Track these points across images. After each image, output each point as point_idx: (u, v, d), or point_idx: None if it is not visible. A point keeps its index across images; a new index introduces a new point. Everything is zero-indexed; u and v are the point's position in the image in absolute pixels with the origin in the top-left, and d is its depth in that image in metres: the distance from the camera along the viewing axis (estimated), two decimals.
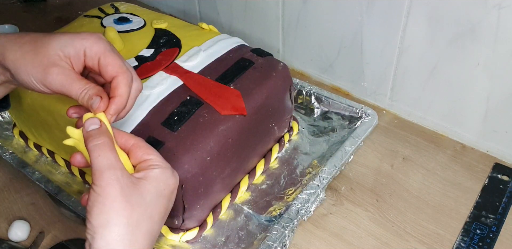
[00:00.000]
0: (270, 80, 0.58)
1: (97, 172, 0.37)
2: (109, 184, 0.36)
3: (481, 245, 0.56)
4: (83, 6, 1.06)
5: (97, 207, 0.36)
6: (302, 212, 0.56)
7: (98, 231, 0.36)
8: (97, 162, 0.37)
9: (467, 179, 0.65)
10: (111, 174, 0.37)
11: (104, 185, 0.36)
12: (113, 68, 0.42)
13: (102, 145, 0.38)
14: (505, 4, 0.53)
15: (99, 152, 0.38)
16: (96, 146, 0.38)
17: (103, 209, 0.36)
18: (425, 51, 0.64)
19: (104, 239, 0.35)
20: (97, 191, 0.36)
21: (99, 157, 0.37)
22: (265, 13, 0.80)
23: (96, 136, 0.39)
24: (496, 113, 0.64)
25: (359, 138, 0.65)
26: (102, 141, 0.38)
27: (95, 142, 0.38)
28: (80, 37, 0.42)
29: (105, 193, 0.36)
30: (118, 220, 0.36)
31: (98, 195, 0.36)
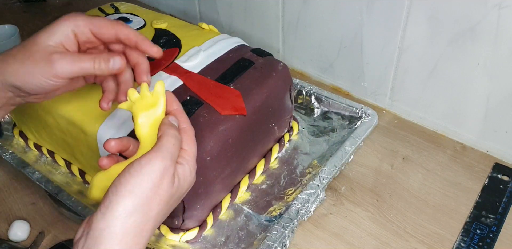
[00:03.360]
0: (270, 80, 0.58)
1: (162, 153, 0.38)
2: (159, 167, 0.38)
3: (481, 245, 0.56)
4: (83, 6, 1.06)
5: (129, 179, 0.37)
6: (302, 212, 0.56)
7: (119, 194, 0.36)
8: (168, 146, 0.39)
9: (467, 179, 0.65)
10: (168, 164, 0.38)
11: (153, 165, 0.37)
12: (107, 27, 0.43)
13: (180, 137, 0.41)
14: (505, 4, 0.53)
15: (174, 141, 0.40)
16: (176, 135, 0.40)
17: (135, 181, 0.37)
18: (425, 51, 0.64)
19: (122, 205, 0.36)
20: (142, 163, 0.37)
21: (173, 146, 0.39)
22: (265, 13, 0.80)
23: (177, 129, 0.42)
24: (496, 113, 0.64)
25: (359, 138, 0.65)
26: (183, 134, 0.42)
27: (176, 132, 0.41)
28: (60, 24, 0.43)
29: (143, 170, 0.37)
30: (135, 193, 0.36)
31: (142, 168, 0.37)
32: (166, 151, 0.39)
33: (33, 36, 0.43)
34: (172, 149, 0.39)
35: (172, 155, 0.39)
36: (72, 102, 0.55)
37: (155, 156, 0.38)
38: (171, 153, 0.39)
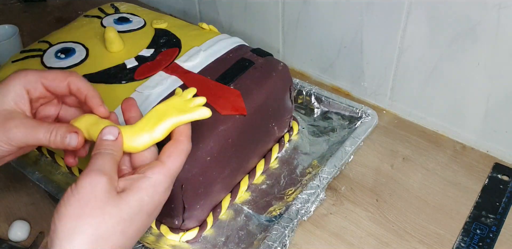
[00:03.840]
0: (270, 80, 0.58)
1: (83, 173, 0.35)
2: (90, 185, 0.34)
3: (481, 245, 0.56)
4: (83, 6, 1.06)
5: (67, 208, 0.33)
6: (302, 212, 0.56)
7: (60, 237, 0.32)
8: (90, 164, 0.36)
9: (467, 179, 0.65)
10: (97, 177, 0.34)
11: (83, 186, 0.34)
12: (59, 79, 0.42)
13: (108, 155, 0.37)
14: (505, 4, 0.53)
15: (100, 158, 0.36)
16: (102, 153, 0.37)
17: (73, 212, 0.33)
18: (425, 51, 0.64)
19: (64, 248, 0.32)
20: (74, 191, 0.34)
21: (96, 160, 0.36)
22: (265, 13, 0.80)
23: (106, 146, 0.38)
24: (496, 113, 0.64)
25: (359, 138, 0.65)
26: (110, 152, 0.37)
27: (102, 150, 0.37)
28: (11, 83, 0.41)
29: (81, 194, 0.33)
30: (85, 228, 0.33)
31: (73, 196, 0.33)
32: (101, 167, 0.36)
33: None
34: (103, 164, 0.36)
35: (104, 169, 0.36)
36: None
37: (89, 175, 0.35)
38: (104, 168, 0.36)
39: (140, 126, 0.39)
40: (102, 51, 0.61)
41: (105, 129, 0.39)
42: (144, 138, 0.39)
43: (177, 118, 0.39)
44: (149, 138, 0.39)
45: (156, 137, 0.39)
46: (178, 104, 0.40)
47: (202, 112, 0.40)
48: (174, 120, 0.39)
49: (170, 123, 0.39)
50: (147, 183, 0.36)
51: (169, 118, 0.39)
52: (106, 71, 0.58)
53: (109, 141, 0.38)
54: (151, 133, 0.39)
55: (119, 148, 0.38)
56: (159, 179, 0.37)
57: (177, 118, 0.39)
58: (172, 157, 0.38)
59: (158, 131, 0.39)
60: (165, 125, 0.39)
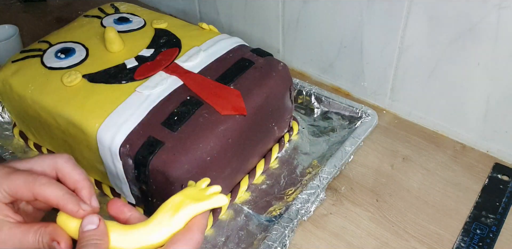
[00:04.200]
0: (270, 80, 0.58)
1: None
2: None
3: (481, 245, 0.56)
4: (83, 6, 1.06)
5: None
6: (302, 212, 0.56)
7: None
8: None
9: (467, 179, 0.65)
10: None
11: None
12: (22, 190, 0.38)
13: (93, 245, 0.35)
14: (505, 4, 0.53)
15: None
16: (87, 245, 0.35)
17: None
18: (425, 51, 0.64)
19: None
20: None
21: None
22: (265, 13, 0.80)
23: (90, 237, 0.35)
24: (496, 113, 0.64)
25: (359, 138, 0.65)
26: (94, 242, 0.35)
27: (84, 243, 0.35)
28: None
29: None
30: None
31: None
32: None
33: None
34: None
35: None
36: (72, 102, 0.55)
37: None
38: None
39: (158, 220, 0.37)
40: (102, 51, 0.61)
41: (85, 220, 0.36)
42: (164, 231, 0.37)
43: (194, 207, 0.37)
44: (168, 230, 0.37)
45: (176, 228, 0.37)
46: (193, 194, 0.39)
47: (219, 199, 0.38)
48: (191, 209, 0.37)
49: (187, 212, 0.37)
50: None
51: (186, 207, 0.37)
52: (106, 71, 0.58)
53: (91, 231, 0.36)
54: (170, 224, 0.37)
55: (104, 235, 0.36)
56: None
57: (195, 206, 0.37)
58: (177, 244, 0.36)
59: (177, 222, 0.37)
60: (182, 214, 0.37)
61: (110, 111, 0.53)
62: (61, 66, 0.59)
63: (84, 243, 0.35)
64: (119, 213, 0.40)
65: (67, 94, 0.55)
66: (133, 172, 0.51)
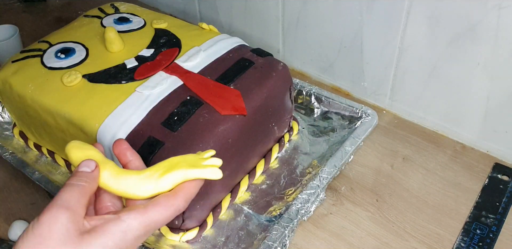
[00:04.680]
0: (270, 80, 0.58)
1: (47, 207, 0.32)
2: (48, 221, 0.31)
3: (481, 245, 0.56)
4: (83, 6, 1.06)
5: (24, 244, 0.30)
6: (302, 212, 0.56)
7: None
8: (55, 197, 0.33)
9: (467, 179, 0.65)
10: (60, 213, 0.31)
11: (42, 222, 0.31)
12: None
13: (76, 186, 0.34)
14: (505, 4, 0.53)
15: (66, 189, 0.34)
16: (70, 185, 0.34)
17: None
18: (425, 51, 0.64)
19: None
20: (34, 226, 0.31)
21: (61, 192, 0.33)
22: (265, 13, 0.80)
23: (80, 177, 0.35)
24: (496, 113, 0.64)
25: (359, 138, 0.65)
26: (82, 184, 0.35)
27: (74, 181, 0.35)
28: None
29: (39, 231, 0.31)
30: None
31: (32, 231, 0.31)
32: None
33: None
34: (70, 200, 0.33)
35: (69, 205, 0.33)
36: (72, 102, 0.55)
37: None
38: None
39: (149, 173, 0.37)
40: (102, 51, 0.61)
41: (83, 161, 0.37)
42: (149, 186, 0.37)
43: (186, 171, 0.37)
44: (154, 187, 0.37)
45: (162, 187, 0.37)
46: (192, 160, 0.38)
47: (213, 171, 0.38)
48: (183, 173, 0.37)
49: (178, 175, 0.37)
50: (117, 227, 0.33)
51: (178, 170, 0.37)
52: (106, 71, 0.58)
53: (84, 172, 0.36)
54: (157, 182, 0.37)
55: (94, 180, 0.36)
56: (133, 225, 0.33)
57: (186, 171, 0.37)
58: (158, 207, 0.35)
59: (165, 181, 0.37)
60: (173, 176, 0.37)
61: (110, 111, 0.53)
62: (61, 66, 0.59)
63: (73, 182, 0.35)
64: (121, 154, 0.40)
65: (67, 94, 0.55)
66: None
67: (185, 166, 0.37)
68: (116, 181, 0.37)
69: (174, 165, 0.38)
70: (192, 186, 0.37)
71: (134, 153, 0.41)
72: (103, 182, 0.37)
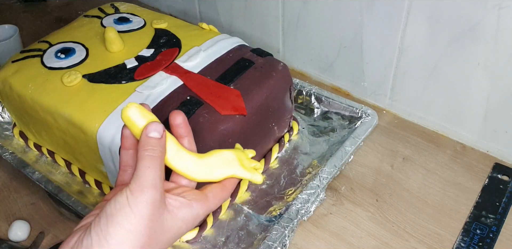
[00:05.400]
0: (270, 80, 0.58)
1: (139, 185, 0.34)
2: (146, 202, 0.34)
3: (481, 245, 0.56)
4: (83, 6, 1.06)
5: (121, 218, 0.33)
6: (302, 212, 0.56)
7: (110, 243, 0.33)
8: (143, 173, 0.34)
9: (467, 179, 0.65)
10: (153, 193, 0.34)
11: (139, 200, 0.33)
12: None
13: (156, 158, 0.35)
14: (505, 4, 0.53)
15: (150, 164, 0.35)
16: (150, 157, 0.35)
17: (126, 225, 0.33)
18: (425, 51, 0.64)
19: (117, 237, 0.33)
20: (130, 202, 0.33)
21: (148, 169, 0.35)
22: (265, 13, 0.80)
23: (154, 146, 0.36)
24: (496, 113, 0.64)
25: (359, 138, 0.65)
26: (157, 154, 0.36)
27: (150, 153, 0.35)
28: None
29: (137, 208, 0.33)
30: (133, 243, 0.33)
31: (129, 207, 0.33)
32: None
33: None
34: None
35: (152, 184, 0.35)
36: (72, 102, 0.55)
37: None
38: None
39: (209, 162, 0.40)
40: (102, 51, 0.61)
41: (151, 125, 0.36)
42: (207, 174, 0.40)
43: (238, 171, 0.41)
44: (210, 176, 0.40)
45: (214, 179, 0.40)
46: (243, 159, 0.42)
47: (257, 177, 0.42)
48: (236, 171, 0.41)
49: (232, 172, 0.41)
50: (190, 213, 0.37)
51: (233, 167, 0.41)
52: (106, 71, 0.58)
53: (155, 139, 0.36)
54: (213, 173, 0.40)
55: (163, 147, 0.37)
56: (200, 213, 0.38)
57: (239, 171, 0.41)
58: (215, 199, 0.39)
59: (220, 174, 0.40)
60: (228, 172, 0.41)
61: (110, 111, 0.53)
62: (61, 66, 0.59)
63: (148, 153, 0.36)
64: (178, 127, 0.40)
65: (67, 94, 0.55)
66: None
67: (238, 164, 0.41)
68: (179, 158, 0.38)
69: (230, 161, 0.41)
70: (236, 182, 0.42)
71: (190, 130, 0.41)
72: (166, 156, 0.37)
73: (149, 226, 0.34)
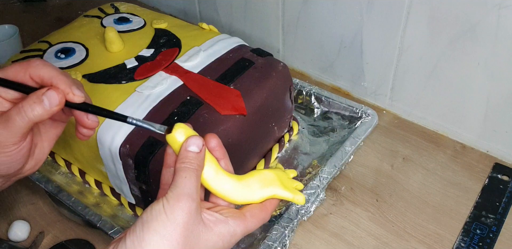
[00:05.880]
0: (270, 80, 0.58)
1: (176, 193, 0.34)
2: (182, 210, 0.34)
3: (481, 245, 0.56)
4: (83, 6, 1.06)
5: (157, 224, 0.33)
6: (302, 212, 0.56)
7: (142, 245, 0.33)
8: (180, 183, 0.35)
9: (467, 179, 0.65)
10: (189, 202, 0.34)
11: (176, 208, 0.34)
12: (17, 70, 0.38)
13: (193, 170, 0.36)
14: (505, 4, 0.53)
15: (187, 175, 0.35)
16: (187, 169, 0.36)
17: (162, 231, 0.33)
18: (425, 51, 0.64)
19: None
20: (166, 210, 0.34)
21: (184, 179, 0.35)
22: (265, 13, 0.80)
23: (192, 159, 0.36)
24: (496, 113, 0.64)
25: (359, 138, 0.65)
26: (194, 167, 0.36)
27: (187, 165, 0.36)
28: None
29: (173, 216, 0.33)
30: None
31: (165, 214, 0.33)
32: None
33: None
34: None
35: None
36: None
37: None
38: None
39: (249, 183, 0.40)
40: (102, 51, 0.61)
41: (190, 139, 0.37)
42: (246, 196, 0.39)
43: (280, 191, 0.40)
44: (249, 198, 0.39)
45: (255, 200, 0.40)
46: (283, 179, 0.41)
47: (299, 198, 0.41)
48: (277, 191, 0.40)
49: (272, 192, 0.40)
50: (227, 230, 0.37)
51: (274, 188, 0.40)
52: (106, 71, 0.58)
53: (193, 153, 0.37)
54: (254, 195, 0.40)
55: (202, 162, 0.37)
56: (237, 231, 0.37)
57: (281, 192, 0.40)
58: (254, 219, 0.39)
59: (261, 195, 0.40)
60: (268, 192, 0.40)
61: None
62: (61, 66, 0.59)
63: (186, 165, 0.36)
64: (214, 150, 0.40)
65: None
66: (133, 172, 0.51)
67: (279, 185, 0.40)
68: (217, 180, 0.38)
69: (271, 181, 0.40)
70: (277, 202, 0.41)
71: (225, 152, 0.41)
72: (205, 177, 0.37)
73: (184, 234, 0.34)
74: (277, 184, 0.40)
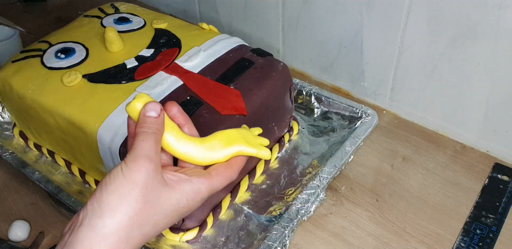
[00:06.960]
0: (270, 80, 0.58)
1: (133, 155, 0.35)
2: (138, 171, 0.35)
3: (481, 245, 0.56)
4: (83, 6, 1.06)
5: (116, 185, 0.34)
6: (302, 212, 0.56)
7: (104, 208, 0.33)
8: (138, 146, 0.36)
9: (467, 179, 0.65)
10: (146, 163, 0.35)
11: (133, 169, 0.35)
12: None
13: (151, 134, 0.37)
14: (505, 4, 0.53)
15: (144, 138, 0.36)
16: (145, 132, 0.37)
17: (120, 191, 0.34)
18: (425, 51, 0.64)
19: (103, 220, 0.33)
20: (124, 172, 0.35)
21: (142, 142, 0.36)
22: (265, 13, 0.80)
23: (150, 124, 0.37)
24: (496, 113, 0.64)
25: (359, 138, 0.65)
26: (153, 130, 0.37)
27: (145, 129, 0.37)
28: None
29: (130, 177, 0.34)
30: (126, 210, 0.34)
31: (123, 176, 0.34)
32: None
33: None
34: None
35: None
36: (72, 102, 0.55)
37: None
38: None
39: (211, 144, 0.40)
40: (102, 51, 0.61)
41: (148, 104, 0.38)
42: (210, 156, 0.40)
43: (244, 148, 0.41)
44: (214, 157, 0.40)
45: (220, 159, 0.40)
46: (247, 136, 0.42)
47: (264, 153, 0.42)
48: (241, 149, 0.41)
49: (236, 150, 0.41)
50: (191, 187, 0.37)
51: (238, 145, 0.41)
52: (106, 71, 0.58)
53: (152, 117, 0.37)
54: (217, 154, 0.40)
55: (161, 125, 0.38)
56: (202, 188, 0.38)
57: (245, 148, 0.41)
58: (220, 177, 0.39)
59: (225, 154, 0.40)
60: (232, 150, 0.41)
61: (110, 111, 0.53)
62: (61, 66, 0.59)
63: (144, 129, 0.37)
64: (174, 117, 0.41)
65: (67, 94, 0.55)
66: None
67: (243, 142, 0.41)
68: (179, 144, 0.39)
69: (233, 139, 0.41)
70: (244, 159, 0.42)
71: (187, 117, 0.42)
72: (167, 143, 0.38)
73: (143, 193, 0.34)
74: (241, 142, 0.41)
